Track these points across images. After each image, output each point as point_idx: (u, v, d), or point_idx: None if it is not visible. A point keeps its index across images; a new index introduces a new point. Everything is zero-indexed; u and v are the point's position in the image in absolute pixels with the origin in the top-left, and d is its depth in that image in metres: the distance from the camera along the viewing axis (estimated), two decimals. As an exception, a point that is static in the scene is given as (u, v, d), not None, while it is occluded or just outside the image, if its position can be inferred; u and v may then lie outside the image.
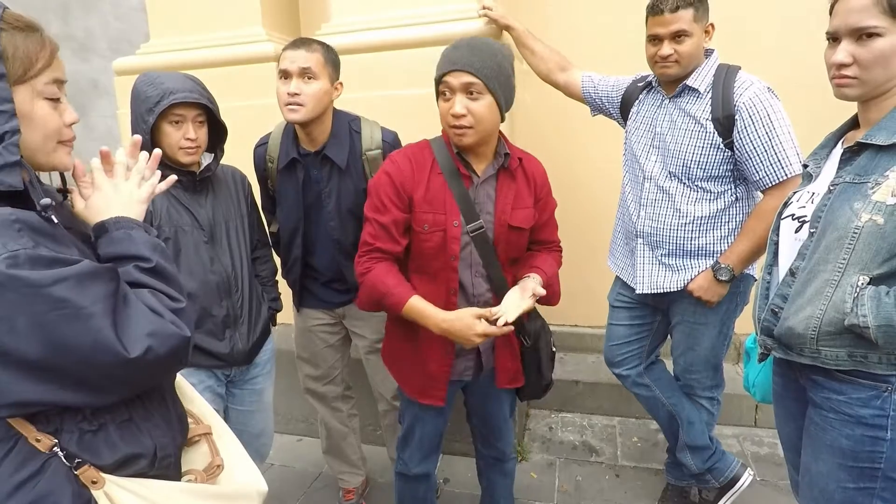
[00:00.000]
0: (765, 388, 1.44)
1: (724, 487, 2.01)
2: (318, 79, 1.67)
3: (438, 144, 1.48)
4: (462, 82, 1.33)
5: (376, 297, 1.43)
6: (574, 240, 2.73)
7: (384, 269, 1.43)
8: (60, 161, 0.89)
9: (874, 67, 1.05)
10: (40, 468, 0.81)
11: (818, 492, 1.18)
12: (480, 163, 1.47)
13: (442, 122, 1.42)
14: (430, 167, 1.45)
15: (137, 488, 0.86)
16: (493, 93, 1.35)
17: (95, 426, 0.86)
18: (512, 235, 1.48)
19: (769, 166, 1.64)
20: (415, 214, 1.44)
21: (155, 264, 0.90)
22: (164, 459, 0.93)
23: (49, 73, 0.84)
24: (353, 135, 1.80)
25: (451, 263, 1.45)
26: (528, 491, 2.28)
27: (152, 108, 1.44)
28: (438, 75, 1.38)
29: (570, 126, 2.78)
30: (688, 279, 1.79)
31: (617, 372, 2.07)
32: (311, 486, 2.39)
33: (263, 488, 1.04)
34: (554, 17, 2.79)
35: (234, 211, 1.68)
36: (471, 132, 1.36)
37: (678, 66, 1.69)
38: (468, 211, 1.42)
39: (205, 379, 1.63)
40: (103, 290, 0.79)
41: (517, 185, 1.50)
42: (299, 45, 1.67)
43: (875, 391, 1.08)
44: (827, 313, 1.07)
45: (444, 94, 1.38)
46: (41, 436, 0.81)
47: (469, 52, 1.34)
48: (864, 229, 1.02)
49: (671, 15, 1.63)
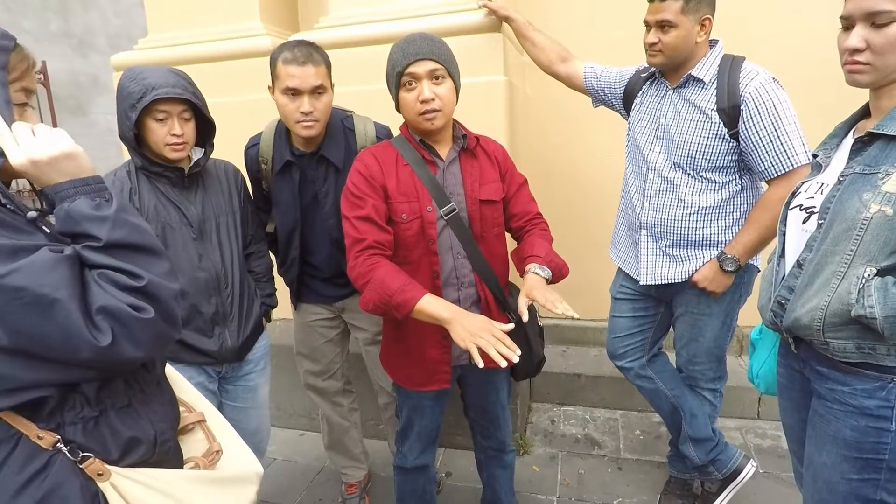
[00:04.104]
0: (769, 379, 1.43)
1: (727, 479, 2.00)
2: (327, 91, 1.66)
3: (399, 140, 1.54)
4: (427, 69, 1.41)
5: (385, 295, 1.35)
6: (575, 232, 2.74)
7: (392, 267, 1.40)
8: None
9: (888, 54, 1.03)
10: (45, 464, 0.82)
11: (822, 483, 1.18)
12: (442, 148, 1.53)
13: (407, 112, 1.47)
14: (396, 161, 1.50)
15: (143, 478, 0.88)
16: (452, 77, 1.46)
17: (97, 412, 0.87)
18: (485, 210, 1.53)
19: (775, 156, 1.62)
20: (393, 205, 1.46)
21: (104, 242, 0.82)
22: (163, 444, 0.95)
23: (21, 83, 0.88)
24: (347, 133, 1.80)
25: (431, 248, 1.48)
26: (531, 484, 2.28)
27: (135, 104, 1.41)
28: (401, 68, 1.41)
29: (572, 118, 2.76)
30: (692, 270, 1.78)
31: (619, 364, 2.07)
32: (314, 481, 2.40)
33: (260, 470, 1.06)
34: (553, 8, 2.77)
35: (226, 206, 1.66)
36: (440, 115, 1.44)
37: (662, 56, 1.71)
38: (439, 196, 1.47)
39: (194, 375, 1.61)
40: (67, 275, 0.76)
41: (480, 163, 1.56)
42: (303, 60, 1.59)
43: (880, 382, 1.07)
44: (832, 304, 1.06)
45: (407, 86, 1.43)
46: (43, 433, 0.82)
47: (427, 42, 1.43)
48: (872, 220, 1.01)
49: (659, 4, 1.66)
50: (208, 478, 0.98)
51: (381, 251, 1.43)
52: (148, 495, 0.87)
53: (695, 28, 1.66)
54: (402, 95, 1.45)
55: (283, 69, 1.61)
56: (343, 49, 2.35)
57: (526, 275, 1.48)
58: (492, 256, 1.54)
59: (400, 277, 1.37)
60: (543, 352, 1.69)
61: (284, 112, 1.65)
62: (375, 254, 1.42)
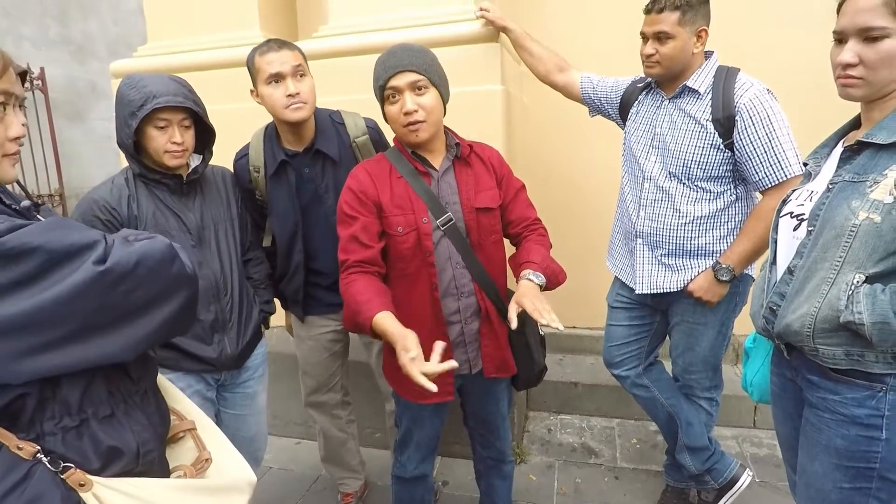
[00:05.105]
0: (762, 388, 1.44)
1: (723, 488, 2.01)
2: (307, 75, 1.69)
3: (392, 153, 1.53)
4: (408, 81, 1.40)
5: (353, 313, 1.36)
6: (572, 241, 2.75)
7: (363, 284, 1.39)
8: (4, 174, 0.89)
9: (880, 68, 1.05)
10: (26, 475, 0.80)
11: (814, 492, 1.18)
12: (436, 158, 1.52)
13: (393, 125, 1.47)
14: (390, 173, 1.49)
15: (126, 487, 0.86)
16: (436, 86, 1.44)
17: (77, 421, 0.86)
18: (482, 218, 1.51)
19: (769, 167, 1.64)
20: (387, 219, 1.46)
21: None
22: (146, 455, 0.93)
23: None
24: (337, 126, 1.81)
25: (428, 259, 1.47)
26: (528, 493, 2.27)
27: (135, 112, 1.40)
28: (383, 82, 1.42)
29: (569, 127, 2.78)
30: (687, 279, 1.79)
31: (616, 373, 2.07)
32: (310, 490, 2.38)
33: (253, 479, 1.04)
34: (551, 19, 2.80)
35: (224, 213, 1.66)
36: (424, 125, 1.42)
37: (660, 67, 1.72)
38: (434, 206, 1.46)
39: (193, 384, 1.60)
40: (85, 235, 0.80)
41: (475, 171, 1.55)
42: (278, 47, 1.65)
43: (870, 391, 1.07)
44: (822, 311, 1.07)
45: (390, 99, 1.43)
46: (23, 443, 0.81)
47: (407, 54, 1.42)
48: (861, 227, 1.02)
49: (656, 15, 1.67)
50: (195, 486, 0.96)
51: (362, 269, 1.43)
52: None
53: (691, 39, 1.68)
54: (386, 108, 1.46)
55: (260, 60, 1.65)
56: (342, 58, 2.37)
57: (519, 281, 1.47)
58: (490, 264, 1.53)
59: (366, 294, 1.36)
60: (544, 361, 1.68)
61: (271, 101, 1.66)
62: (354, 272, 1.43)
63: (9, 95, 0.86)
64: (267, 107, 1.69)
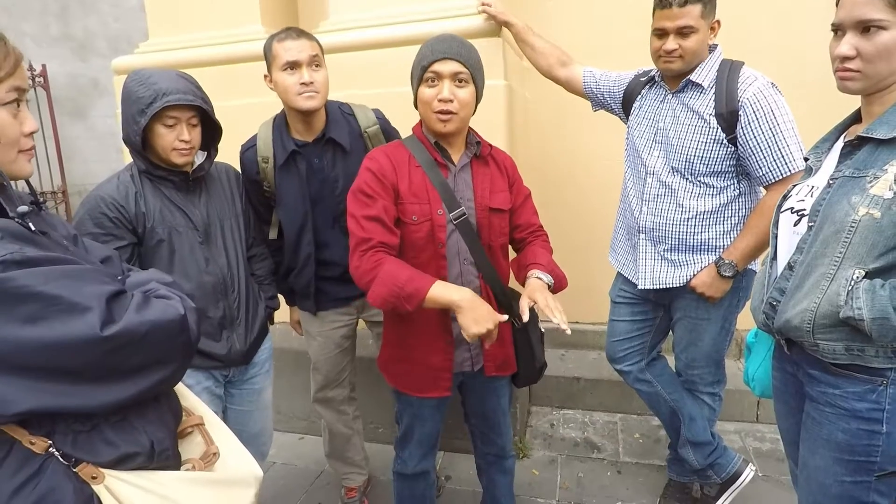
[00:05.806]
0: (764, 382, 1.44)
1: (726, 483, 2.01)
2: (323, 66, 1.70)
3: (411, 141, 1.52)
4: (451, 70, 1.40)
5: (396, 287, 1.33)
6: (574, 236, 2.74)
7: (396, 261, 1.39)
8: (21, 169, 0.89)
9: (878, 61, 1.04)
10: (39, 469, 0.81)
11: (816, 486, 1.19)
12: (455, 152, 1.52)
13: (423, 108, 1.45)
14: (409, 161, 1.49)
15: (138, 480, 0.87)
16: (475, 84, 1.45)
17: (88, 427, 0.86)
18: (494, 218, 1.52)
19: (772, 162, 1.63)
20: (403, 206, 1.45)
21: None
22: (161, 453, 0.94)
23: (10, 81, 0.84)
24: (347, 117, 1.82)
25: (440, 251, 1.47)
26: (530, 488, 2.28)
27: (144, 109, 1.39)
28: (426, 63, 1.41)
29: (571, 122, 2.78)
30: (690, 275, 1.79)
31: (618, 368, 2.07)
32: (314, 484, 2.40)
33: (259, 473, 1.05)
34: (553, 13, 2.78)
35: (229, 209, 1.66)
36: (455, 118, 1.42)
37: (682, 62, 1.68)
38: (449, 199, 1.46)
39: (202, 380, 1.62)
40: (97, 289, 0.79)
41: (491, 171, 1.56)
42: (296, 35, 1.67)
43: (870, 385, 1.08)
44: (821, 306, 1.07)
45: (428, 81, 1.42)
46: (35, 439, 0.82)
47: (457, 44, 1.42)
48: (860, 223, 1.02)
49: (679, 9, 1.61)
50: (205, 479, 0.97)
51: (387, 252, 1.41)
52: (143, 497, 0.86)
53: (708, 32, 1.67)
54: (421, 90, 1.44)
55: (278, 46, 1.66)
56: (344, 53, 2.36)
57: (528, 279, 1.48)
58: (496, 265, 1.54)
59: (408, 269, 1.37)
60: (544, 357, 1.69)
61: (284, 87, 1.66)
62: (380, 251, 1.40)
63: (22, 91, 0.87)
64: (279, 93, 1.69)
